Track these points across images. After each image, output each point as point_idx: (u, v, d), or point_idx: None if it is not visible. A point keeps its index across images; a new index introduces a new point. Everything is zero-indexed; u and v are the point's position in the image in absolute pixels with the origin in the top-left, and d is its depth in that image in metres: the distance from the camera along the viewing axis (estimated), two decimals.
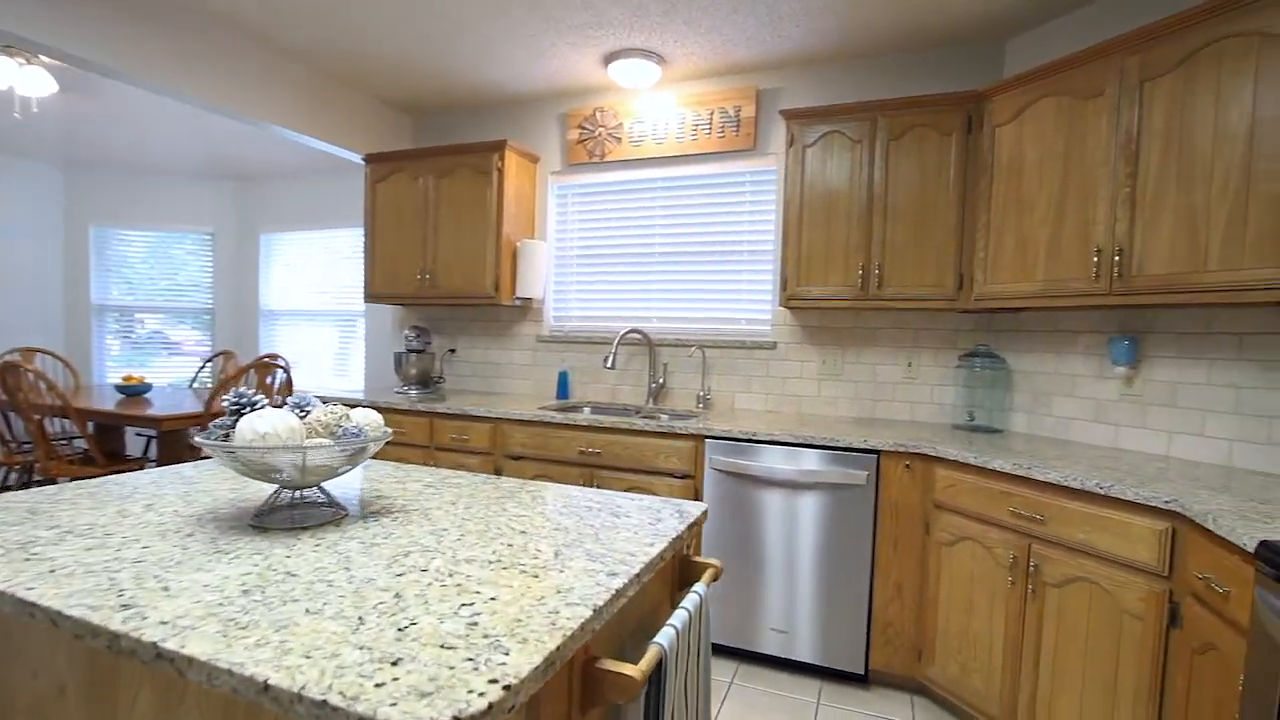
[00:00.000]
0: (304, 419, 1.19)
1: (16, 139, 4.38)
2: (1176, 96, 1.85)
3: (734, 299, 3.21)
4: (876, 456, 2.32)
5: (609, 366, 3.02)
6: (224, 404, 1.15)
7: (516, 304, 3.44)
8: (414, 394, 3.39)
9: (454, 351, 3.82)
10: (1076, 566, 1.77)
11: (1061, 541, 1.81)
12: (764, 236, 3.13)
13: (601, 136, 3.38)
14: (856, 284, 2.63)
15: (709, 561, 1.25)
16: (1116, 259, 1.98)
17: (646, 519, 1.25)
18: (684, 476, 2.59)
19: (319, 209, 4.83)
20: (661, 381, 3.30)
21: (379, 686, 0.63)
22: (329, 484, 1.45)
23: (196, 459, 3.58)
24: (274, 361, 3.74)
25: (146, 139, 4.28)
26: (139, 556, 0.96)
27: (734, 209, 3.20)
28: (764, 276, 3.14)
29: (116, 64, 2.50)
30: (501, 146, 3.23)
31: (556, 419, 2.79)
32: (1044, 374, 2.55)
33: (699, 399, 3.19)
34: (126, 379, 3.83)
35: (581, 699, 0.83)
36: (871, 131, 2.59)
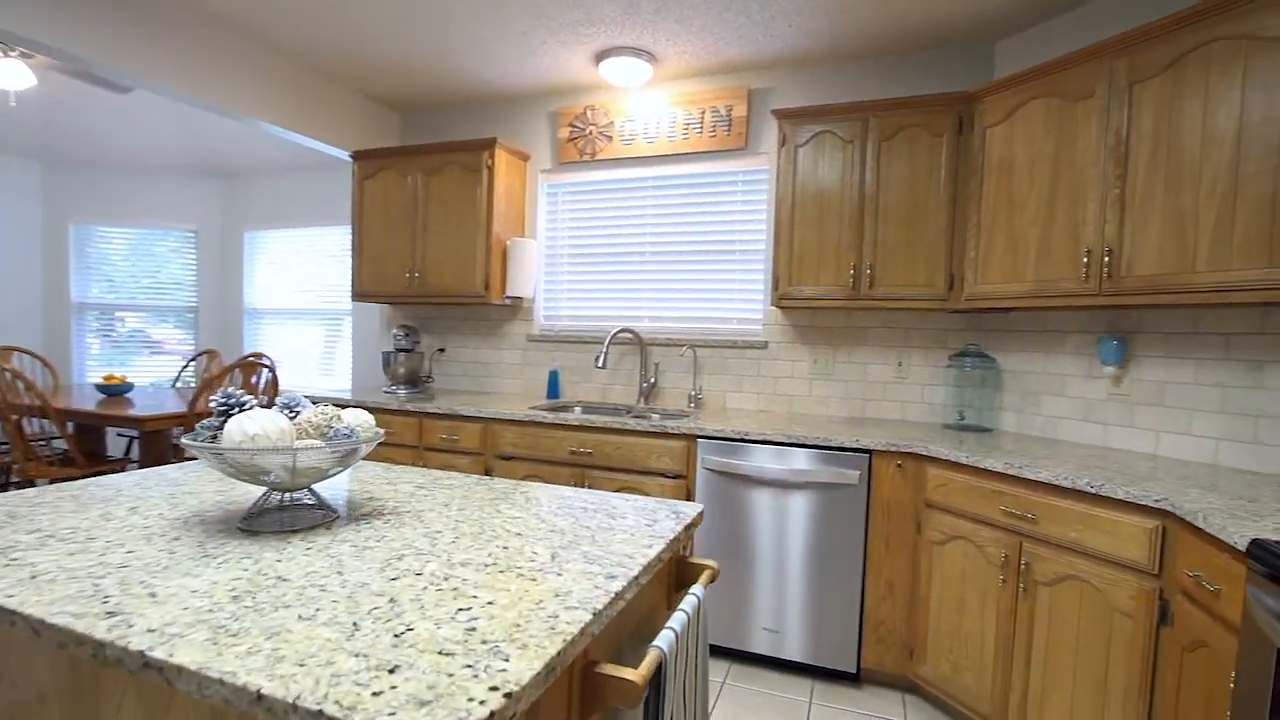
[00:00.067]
0: (294, 420, 1.16)
1: None
2: (1165, 99, 1.87)
3: (726, 298, 3.21)
4: (868, 456, 2.32)
5: (600, 366, 3.00)
6: (212, 404, 1.12)
7: (506, 303, 3.41)
8: (403, 394, 3.36)
9: (443, 351, 3.78)
10: (1067, 565, 1.78)
11: (1052, 540, 1.82)
12: (755, 236, 3.13)
13: (592, 135, 3.37)
14: (848, 284, 2.63)
15: (705, 563, 1.25)
16: (1106, 260, 2.00)
17: (643, 520, 1.24)
18: (676, 476, 2.58)
19: (305, 207, 4.76)
20: (653, 381, 3.29)
21: (376, 695, 0.62)
22: (318, 486, 1.43)
23: (180, 460, 3.52)
24: (259, 361, 3.68)
25: (128, 134, 4.20)
26: (124, 561, 0.94)
27: (725, 208, 3.19)
28: (755, 276, 3.14)
29: (101, 59, 2.44)
30: (492, 144, 3.20)
31: (548, 419, 2.77)
32: (1033, 373, 2.57)
33: (690, 398, 3.19)
34: (108, 378, 3.76)
35: (581, 704, 0.82)
36: (863, 132, 2.60)
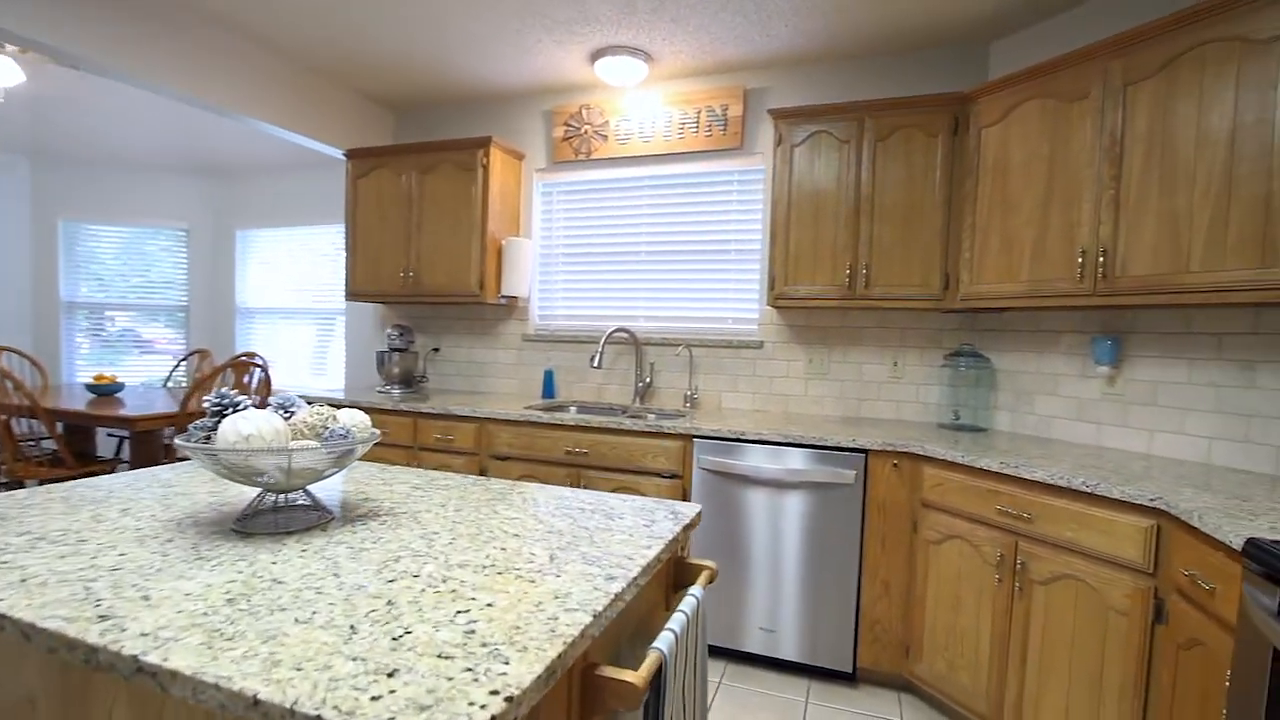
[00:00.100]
0: (289, 420, 1.15)
1: None
2: (1160, 100, 1.88)
3: (721, 298, 3.20)
4: (864, 455, 2.32)
5: (596, 366, 2.99)
6: (205, 405, 1.11)
7: (501, 302, 3.40)
8: (397, 393, 3.34)
9: (438, 350, 3.76)
10: (1063, 564, 1.78)
11: (1048, 539, 1.83)
12: (751, 236, 3.13)
13: (588, 134, 3.36)
14: (844, 283, 2.64)
15: (704, 563, 1.24)
16: (1101, 260, 2.00)
17: (641, 521, 1.23)
18: (672, 476, 2.58)
19: (298, 205, 4.73)
20: (648, 381, 3.29)
21: (375, 700, 0.61)
22: (313, 486, 1.41)
23: (172, 460, 3.49)
24: (251, 360, 3.65)
25: (118, 131, 4.16)
26: (116, 564, 0.92)
27: (721, 208, 3.19)
28: (751, 276, 3.14)
29: (98, 58, 2.42)
30: (486, 143, 3.18)
31: (543, 419, 2.76)
32: (1027, 373, 2.58)
33: (686, 398, 3.18)
34: (98, 378, 3.72)
35: (581, 707, 0.81)
36: (859, 132, 2.60)
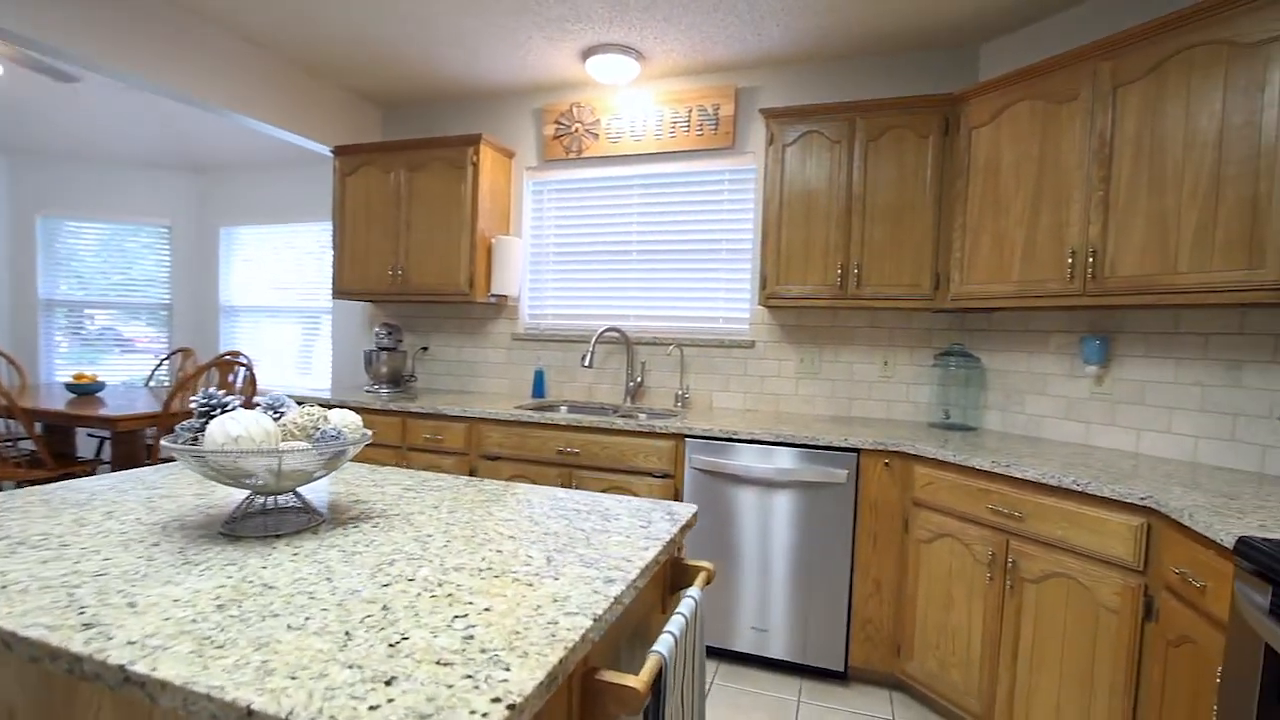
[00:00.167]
0: (278, 421, 1.13)
1: None
2: (1149, 102, 1.89)
3: (712, 297, 3.20)
4: (856, 455, 2.33)
5: (586, 365, 2.97)
6: (192, 405, 1.08)
7: (491, 301, 3.37)
8: (385, 393, 3.30)
9: (426, 349, 3.73)
10: (1053, 562, 1.80)
11: (1039, 538, 1.84)
12: (742, 235, 3.13)
13: (578, 132, 3.34)
14: (835, 283, 2.64)
15: (701, 565, 1.23)
16: (1090, 260, 2.02)
17: (637, 522, 1.22)
18: (664, 476, 2.57)
19: (283, 203, 4.66)
20: (639, 380, 3.28)
21: (373, 709, 0.59)
22: (303, 488, 1.39)
23: (154, 461, 3.42)
24: (236, 359, 3.60)
25: (98, 126, 4.08)
26: (100, 569, 0.90)
27: (713, 207, 3.18)
28: (742, 275, 3.13)
29: (76, 50, 2.36)
30: (476, 140, 3.16)
31: (534, 418, 2.74)
32: (1016, 373, 2.59)
33: (677, 398, 3.17)
34: (78, 377, 3.65)
35: (581, 713, 0.80)
36: (850, 132, 2.60)
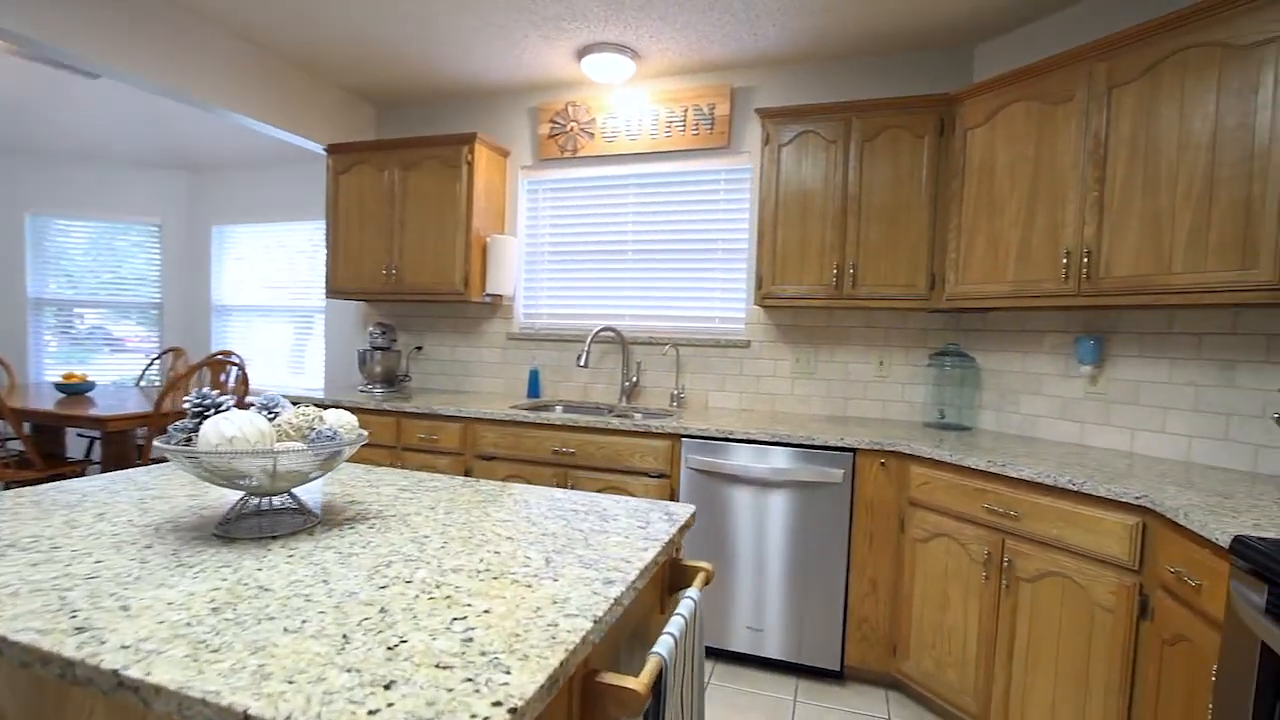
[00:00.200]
0: (273, 421, 1.11)
1: None
2: (1143, 103, 1.90)
3: (708, 297, 3.20)
4: (852, 454, 2.33)
5: (582, 365, 2.97)
6: (186, 405, 1.07)
7: (486, 301, 3.36)
8: (379, 393, 3.28)
9: (421, 349, 3.71)
10: (1049, 561, 1.80)
11: (1034, 537, 1.84)
12: (738, 235, 3.13)
13: (574, 132, 3.33)
14: (831, 283, 2.64)
15: (700, 565, 1.23)
16: (1085, 261, 2.03)
17: (635, 522, 1.22)
18: (660, 476, 2.56)
19: (275, 201, 4.63)
20: (635, 380, 3.27)
21: (373, 714, 0.58)
22: (298, 489, 1.37)
23: (145, 462, 3.39)
24: (228, 359, 3.57)
25: (88, 123, 4.04)
26: (92, 572, 0.88)
27: (708, 207, 3.18)
28: (738, 275, 3.13)
29: (67, 45, 2.34)
30: (471, 139, 3.14)
31: (530, 418, 2.73)
32: (1011, 373, 2.60)
33: (673, 397, 3.17)
34: (67, 377, 3.61)
35: (581, 715, 0.80)
36: (846, 132, 2.61)
